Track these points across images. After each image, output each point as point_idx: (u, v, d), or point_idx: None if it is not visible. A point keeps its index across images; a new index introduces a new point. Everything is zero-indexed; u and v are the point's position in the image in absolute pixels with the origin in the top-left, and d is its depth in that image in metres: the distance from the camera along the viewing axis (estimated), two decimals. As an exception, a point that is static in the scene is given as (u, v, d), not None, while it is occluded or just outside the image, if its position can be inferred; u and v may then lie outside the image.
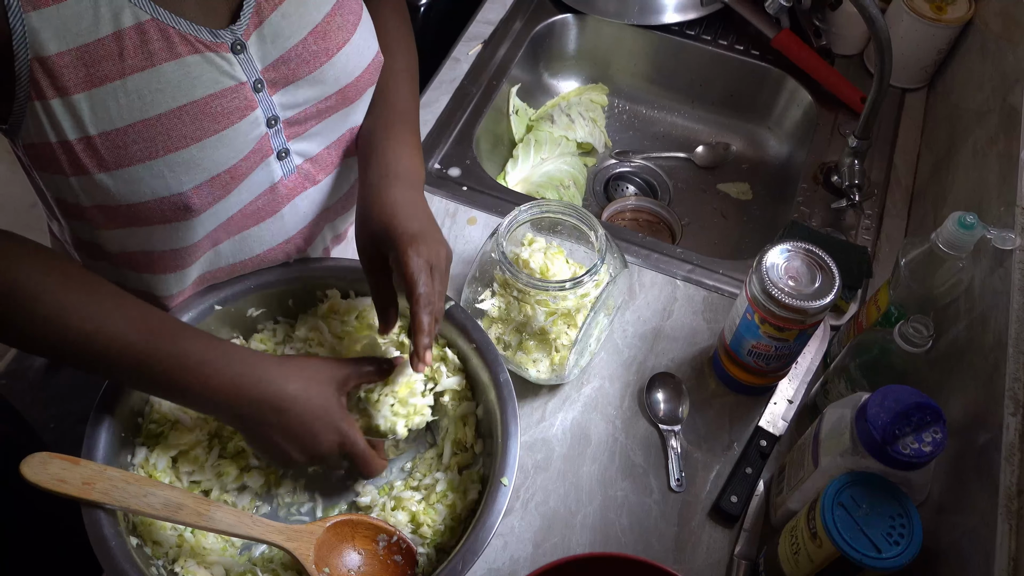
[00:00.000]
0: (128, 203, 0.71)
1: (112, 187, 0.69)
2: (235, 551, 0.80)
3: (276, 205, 0.83)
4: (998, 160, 0.93)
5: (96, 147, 0.67)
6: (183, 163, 0.70)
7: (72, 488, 0.68)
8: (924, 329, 0.76)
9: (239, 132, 0.73)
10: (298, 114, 0.78)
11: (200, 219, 0.76)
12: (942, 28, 1.21)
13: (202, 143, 0.70)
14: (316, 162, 0.84)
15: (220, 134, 0.71)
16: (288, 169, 0.81)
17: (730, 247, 1.30)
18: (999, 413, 0.71)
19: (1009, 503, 0.66)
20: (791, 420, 0.94)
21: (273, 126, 0.77)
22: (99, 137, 0.66)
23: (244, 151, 0.74)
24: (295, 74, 0.76)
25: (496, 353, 0.83)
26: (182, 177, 0.71)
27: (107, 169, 0.68)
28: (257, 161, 0.77)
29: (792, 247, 0.83)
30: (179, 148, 0.69)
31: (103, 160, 0.68)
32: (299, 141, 0.81)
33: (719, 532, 0.87)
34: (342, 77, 0.79)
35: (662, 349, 1.00)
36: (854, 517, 0.69)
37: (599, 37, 1.43)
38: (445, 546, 0.79)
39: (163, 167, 0.69)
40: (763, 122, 1.41)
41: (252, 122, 0.74)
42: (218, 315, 0.86)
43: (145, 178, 0.69)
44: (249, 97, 0.73)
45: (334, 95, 0.80)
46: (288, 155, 0.80)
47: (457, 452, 0.86)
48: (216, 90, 0.70)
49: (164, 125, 0.68)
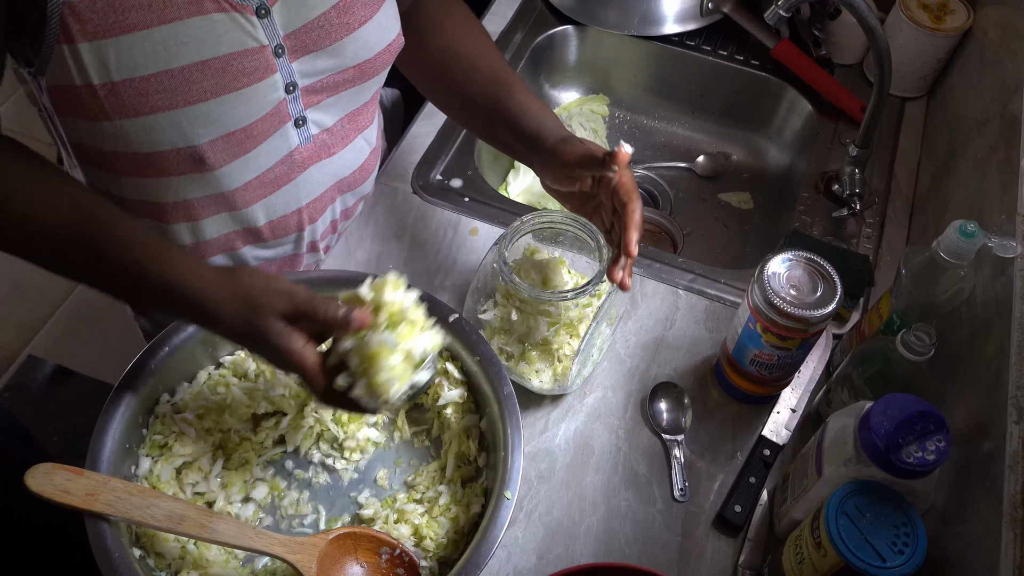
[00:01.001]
0: (145, 151, 0.74)
1: (131, 134, 0.72)
2: (237, 563, 0.80)
3: (291, 173, 0.85)
4: (998, 168, 0.93)
5: (119, 93, 0.69)
6: (200, 116, 0.73)
7: (76, 499, 0.68)
8: (926, 337, 0.76)
9: (257, 93, 0.76)
10: (315, 83, 0.81)
11: (216, 175, 0.79)
12: (941, 37, 1.22)
13: (220, 99, 0.73)
14: (332, 133, 0.87)
15: (239, 92, 0.74)
16: (304, 137, 0.84)
17: (732, 256, 1.30)
18: (1002, 421, 0.71)
19: (1014, 512, 0.66)
20: (794, 429, 0.93)
21: (291, 92, 0.79)
22: (122, 84, 0.69)
23: (261, 112, 0.77)
24: (315, 44, 0.78)
25: (499, 366, 0.84)
26: (199, 130, 0.74)
27: (127, 116, 0.71)
28: (275, 125, 0.80)
29: (793, 256, 0.83)
30: (198, 101, 0.72)
31: (124, 107, 0.70)
32: (315, 110, 0.84)
33: (723, 542, 0.86)
34: (361, 52, 0.82)
35: (664, 359, 1.00)
36: (858, 526, 0.68)
37: (599, 48, 1.43)
38: (448, 559, 0.79)
39: (181, 118, 0.72)
40: (763, 132, 1.42)
41: (271, 85, 0.77)
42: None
43: (163, 127, 0.72)
44: (270, 61, 0.76)
45: (352, 69, 0.83)
46: (305, 123, 0.83)
47: (460, 465, 0.85)
48: (238, 49, 0.73)
49: (185, 77, 0.71)
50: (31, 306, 2.19)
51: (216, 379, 0.87)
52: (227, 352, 0.89)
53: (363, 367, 0.68)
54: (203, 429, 0.84)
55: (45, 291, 2.22)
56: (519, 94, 0.90)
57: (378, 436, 0.88)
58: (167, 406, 0.84)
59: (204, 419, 0.85)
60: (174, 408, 0.84)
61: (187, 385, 0.86)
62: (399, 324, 0.70)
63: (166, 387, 0.84)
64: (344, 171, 0.92)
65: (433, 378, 0.79)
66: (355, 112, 0.89)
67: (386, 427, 0.90)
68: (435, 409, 0.88)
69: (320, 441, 0.87)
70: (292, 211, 0.90)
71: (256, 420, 0.87)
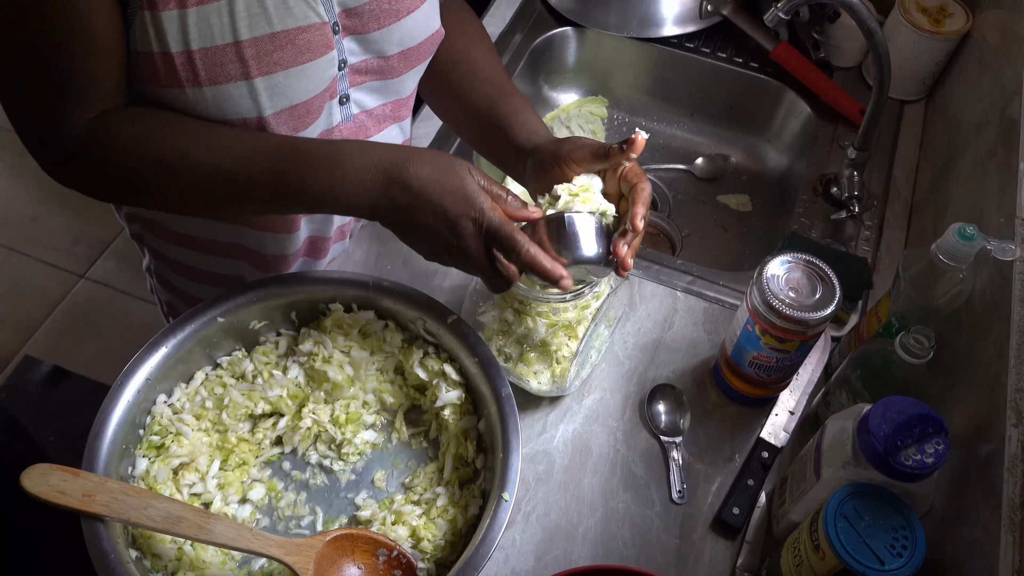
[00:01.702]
0: (215, 120, 0.75)
1: (202, 103, 0.74)
2: (234, 564, 0.79)
3: None
4: (997, 172, 0.93)
5: (195, 61, 0.71)
6: (270, 88, 0.75)
7: (72, 500, 0.68)
8: (925, 340, 0.76)
9: (319, 68, 0.78)
10: (361, 63, 0.83)
11: None
12: (940, 41, 1.22)
13: (288, 71, 0.75)
14: (371, 115, 0.89)
15: (304, 66, 0.76)
16: (346, 115, 0.86)
17: (730, 259, 1.30)
18: (1001, 424, 0.71)
19: (1012, 515, 0.66)
20: (793, 431, 0.93)
21: (342, 69, 0.81)
22: (198, 52, 0.71)
23: (320, 87, 0.79)
24: (365, 26, 0.81)
25: (498, 367, 0.83)
26: (266, 101, 0.76)
27: (200, 84, 0.73)
28: (326, 100, 0.82)
29: (792, 258, 0.83)
30: (268, 73, 0.74)
31: (198, 75, 0.72)
32: (359, 90, 0.86)
33: (721, 544, 0.86)
34: (406, 40, 0.85)
35: (663, 360, 1.00)
36: (857, 529, 0.68)
37: (599, 50, 1.43)
38: (445, 561, 0.79)
39: (251, 89, 0.74)
40: (762, 134, 1.42)
41: (329, 61, 0.79)
42: (220, 327, 0.86)
43: (234, 97, 0.74)
44: (329, 36, 0.78)
45: (395, 56, 0.85)
46: (348, 101, 0.85)
47: (458, 467, 0.85)
48: (304, 24, 0.75)
49: (258, 49, 0.73)
50: (28, 306, 2.19)
51: (213, 380, 0.87)
52: (224, 353, 0.89)
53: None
54: (200, 430, 0.84)
55: (42, 291, 2.22)
56: (514, 102, 0.91)
57: (376, 437, 0.88)
58: (164, 407, 0.83)
59: (201, 420, 0.84)
60: (171, 409, 0.84)
61: (184, 386, 0.86)
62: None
63: (163, 388, 0.84)
64: None
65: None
66: (396, 102, 0.91)
67: (384, 428, 0.90)
68: (433, 411, 0.88)
69: (318, 442, 0.87)
70: None
71: (254, 421, 0.87)
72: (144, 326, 2.08)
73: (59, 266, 2.28)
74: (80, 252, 2.31)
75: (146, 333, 0.84)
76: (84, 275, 2.27)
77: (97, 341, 2.13)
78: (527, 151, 0.86)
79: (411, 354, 0.89)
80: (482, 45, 0.98)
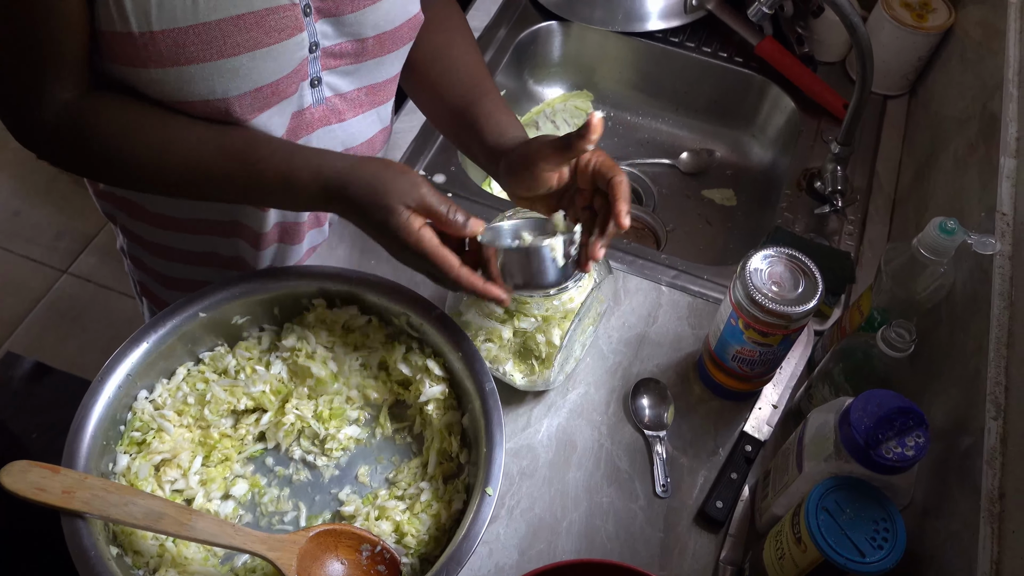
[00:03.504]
0: (177, 100, 0.76)
1: (165, 83, 0.74)
2: (217, 561, 0.79)
3: (300, 131, 0.87)
4: (978, 166, 0.94)
5: (157, 43, 0.72)
6: (233, 70, 0.75)
7: (52, 497, 0.68)
8: (906, 334, 0.77)
9: (286, 49, 0.78)
10: (335, 46, 0.83)
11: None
12: (923, 36, 1.22)
13: (252, 53, 0.75)
14: (345, 99, 0.89)
15: (270, 47, 0.76)
16: (318, 98, 0.86)
17: (714, 253, 1.31)
18: (981, 417, 0.72)
19: (991, 507, 0.67)
20: (776, 425, 0.94)
21: (313, 52, 0.81)
22: (161, 34, 0.71)
23: (287, 69, 0.79)
24: (339, 9, 0.80)
25: (482, 362, 0.83)
26: (230, 83, 0.76)
27: (163, 65, 0.73)
28: (295, 84, 0.82)
29: (775, 252, 0.83)
30: (231, 55, 0.74)
31: (161, 56, 0.72)
32: (333, 74, 0.85)
33: (705, 537, 0.87)
34: (382, 23, 0.84)
35: (647, 355, 1.00)
36: (838, 522, 0.69)
37: (584, 44, 1.43)
38: (429, 556, 0.79)
39: (213, 71, 0.74)
40: (747, 129, 1.42)
41: (298, 43, 0.79)
42: (203, 322, 0.85)
43: (197, 78, 0.74)
44: (299, 18, 0.78)
45: (371, 39, 0.84)
46: (320, 84, 0.85)
47: (442, 462, 0.85)
48: (272, 5, 0.75)
49: (222, 31, 0.73)
50: (9, 302, 2.17)
51: (195, 375, 0.86)
52: (206, 348, 0.88)
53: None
54: (182, 426, 0.84)
55: (23, 287, 2.20)
56: (488, 102, 0.90)
57: (359, 433, 0.88)
58: (146, 403, 0.83)
59: (183, 416, 0.84)
60: (153, 405, 0.83)
61: (166, 381, 0.85)
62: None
63: (145, 383, 0.83)
64: (352, 140, 0.93)
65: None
66: (374, 86, 0.91)
67: (367, 424, 0.89)
68: (417, 406, 0.88)
69: (301, 438, 0.87)
70: None
71: (236, 417, 0.87)
72: (127, 321, 2.07)
73: (41, 261, 2.26)
74: (63, 247, 2.29)
75: (129, 328, 0.83)
76: (67, 270, 2.25)
77: (80, 337, 2.11)
78: (498, 153, 0.86)
79: (395, 349, 0.89)
80: (463, 41, 0.97)
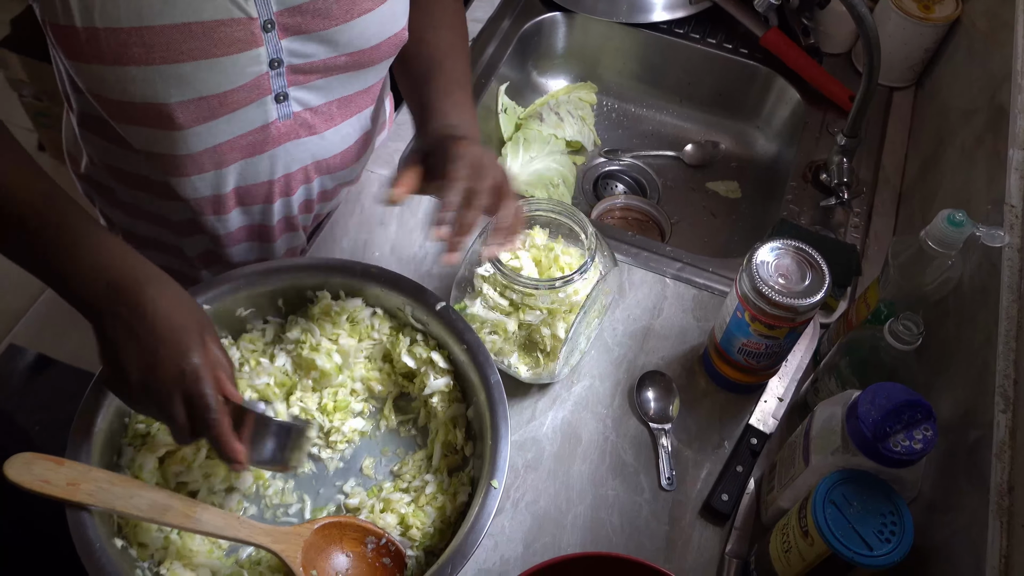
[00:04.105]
0: (117, 99, 0.75)
1: (106, 81, 0.73)
2: (222, 553, 0.79)
3: (266, 144, 0.85)
4: (986, 158, 0.93)
5: (99, 39, 0.70)
6: (175, 76, 0.73)
7: (56, 489, 0.67)
8: (914, 327, 0.76)
9: (237, 63, 0.76)
10: (304, 64, 0.80)
11: (186, 134, 0.79)
12: (929, 27, 1.22)
13: (197, 63, 0.74)
14: (316, 113, 0.87)
15: (217, 59, 0.74)
16: (284, 113, 0.84)
17: (719, 245, 1.30)
18: (989, 410, 0.71)
19: (1000, 500, 0.66)
20: (782, 418, 0.93)
21: (276, 68, 0.79)
22: (103, 31, 0.70)
23: (238, 83, 0.77)
24: (308, 26, 0.78)
25: (487, 354, 0.83)
26: (171, 89, 0.74)
27: (104, 62, 0.72)
28: (252, 96, 0.80)
29: (782, 245, 0.83)
30: (174, 62, 0.73)
31: (102, 53, 0.71)
32: (301, 89, 0.83)
33: (710, 531, 0.86)
34: (357, 42, 0.81)
35: (652, 347, 1.00)
36: (845, 515, 0.68)
37: (588, 35, 1.42)
38: (434, 549, 0.79)
39: (155, 75, 0.73)
40: (752, 120, 1.41)
41: (253, 58, 0.76)
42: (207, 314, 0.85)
43: (137, 80, 0.73)
44: (256, 34, 0.75)
45: (344, 56, 0.82)
46: (287, 99, 0.83)
47: (447, 454, 0.85)
48: (224, 18, 0.73)
49: (166, 36, 0.71)
50: (11, 295, 2.17)
51: (200, 368, 0.86)
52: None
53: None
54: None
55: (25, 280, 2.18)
56: (443, 79, 0.87)
57: (364, 425, 0.88)
58: (150, 395, 0.82)
59: (188, 408, 0.84)
60: (157, 397, 0.83)
61: (170, 374, 0.85)
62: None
63: (149, 376, 0.83)
64: (324, 152, 0.92)
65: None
66: (348, 98, 0.89)
67: (372, 416, 0.89)
68: (421, 398, 0.88)
69: (305, 430, 0.87)
70: (263, 181, 0.90)
71: (241, 409, 0.87)
72: (130, 314, 2.06)
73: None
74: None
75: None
76: (69, 263, 2.24)
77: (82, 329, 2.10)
78: (418, 134, 0.85)
79: (399, 341, 0.88)
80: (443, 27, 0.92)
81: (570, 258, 0.93)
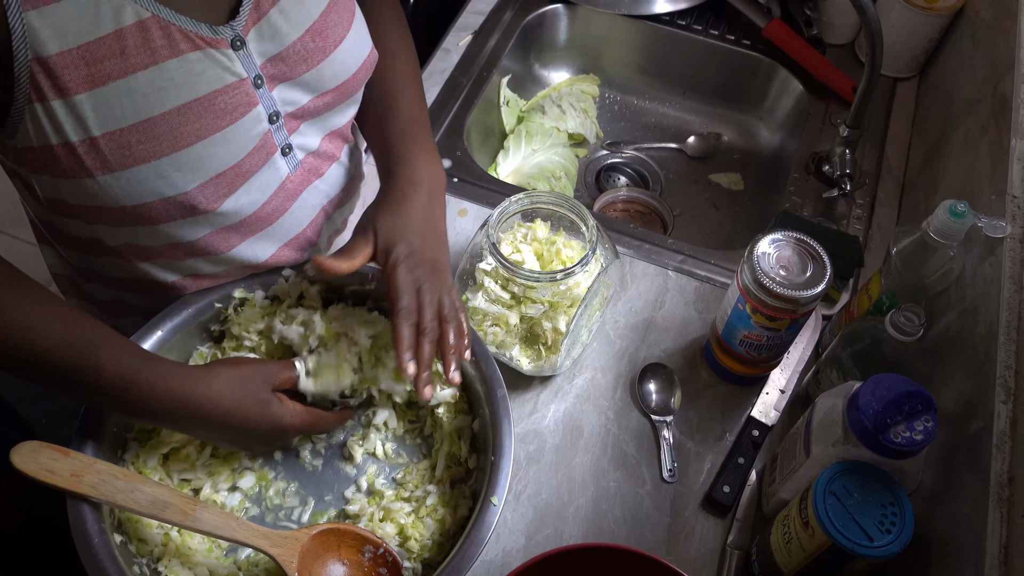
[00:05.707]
0: (132, 204, 0.70)
1: (115, 188, 0.69)
2: (220, 553, 0.79)
3: (287, 203, 0.83)
4: (989, 149, 0.93)
5: (100, 148, 0.66)
6: (188, 162, 0.70)
7: (60, 479, 0.68)
8: (915, 318, 0.76)
9: (242, 128, 0.73)
10: (297, 110, 0.78)
11: (208, 217, 0.76)
12: (933, 17, 1.21)
13: (206, 140, 0.70)
14: (319, 154, 0.85)
15: (224, 131, 0.71)
16: (293, 165, 0.81)
17: (722, 237, 1.30)
18: (990, 401, 0.71)
19: (1000, 491, 0.66)
20: (783, 410, 0.93)
21: (275, 122, 0.76)
22: (102, 138, 0.66)
23: (248, 147, 0.74)
24: (293, 71, 0.75)
25: (494, 366, 0.82)
26: (187, 176, 0.70)
27: (110, 171, 0.67)
28: (263, 159, 0.77)
29: (783, 237, 0.83)
30: (184, 146, 0.69)
31: (106, 161, 0.67)
32: (299, 136, 0.81)
33: (712, 522, 0.87)
34: (339, 74, 0.80)
35: (654, 340, 1.00)
36: (846, 506, 0.69)
37: (590, 27, 1.42)
38: (432, 561, 0.78)
39: (168, 166, 0.69)
40: (755, 112, 1.41)
41: (255, 118, 0.74)
42: (216, 312, 0.85)
43: (149, 178, 0.69)
44: (250, 93, 0.73)
45: (331, 92, 0.80)
46: (292, 150, 0.80)
47: (450, 465, 0.84)
48: (219, 87, 0.70)
49: (168, 123, 0.67)
50: (18, 289, 2.17)
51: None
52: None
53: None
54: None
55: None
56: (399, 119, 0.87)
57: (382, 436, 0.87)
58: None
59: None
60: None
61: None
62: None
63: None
64: (333, 190, 0.90)
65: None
66: (338, 131, 0.87)
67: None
68: (428, 408, 0.87)
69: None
70: (291, 238, 0.87)
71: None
72: (135, 308, 2.06)
73: (48, 248, 2.26)
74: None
75: (135, 314, 0.83)
76: (74, 257, 2.25)
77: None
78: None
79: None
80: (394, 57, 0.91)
81: (571, 251, 0.93)
